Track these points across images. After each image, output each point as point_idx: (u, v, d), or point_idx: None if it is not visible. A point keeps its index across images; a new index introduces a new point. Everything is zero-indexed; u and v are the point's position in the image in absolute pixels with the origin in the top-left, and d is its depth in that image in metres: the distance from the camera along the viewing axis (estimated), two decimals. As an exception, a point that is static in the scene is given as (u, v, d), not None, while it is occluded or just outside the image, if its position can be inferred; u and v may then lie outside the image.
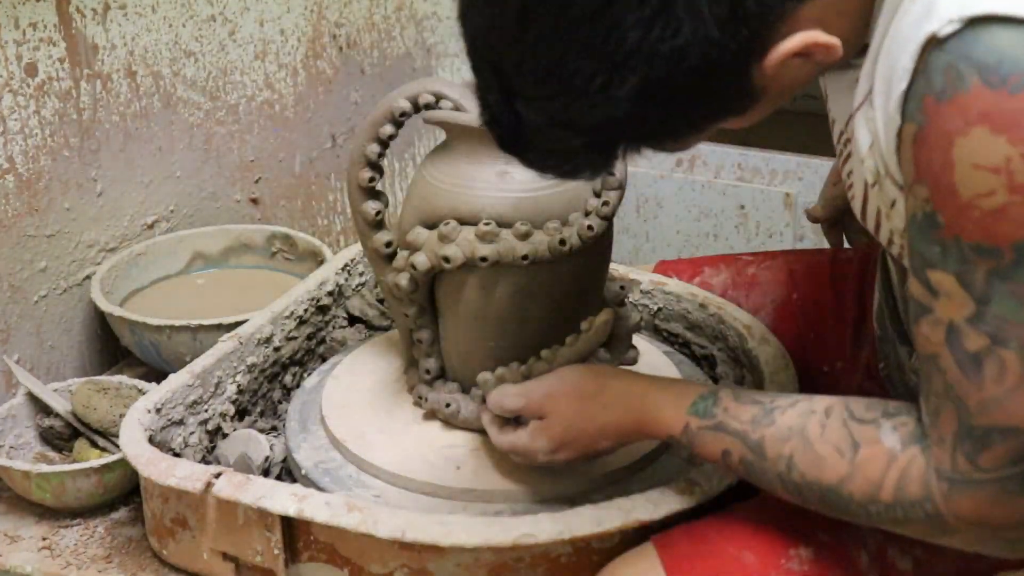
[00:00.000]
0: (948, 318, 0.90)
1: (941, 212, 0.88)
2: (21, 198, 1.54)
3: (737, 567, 1.10)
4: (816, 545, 1.12)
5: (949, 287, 0.89)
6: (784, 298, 1.48)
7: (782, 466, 1.04)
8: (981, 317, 0.89)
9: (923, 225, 0.89)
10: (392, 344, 1.49)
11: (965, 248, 0.87)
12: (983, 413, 0.91)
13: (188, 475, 1.22)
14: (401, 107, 1.26)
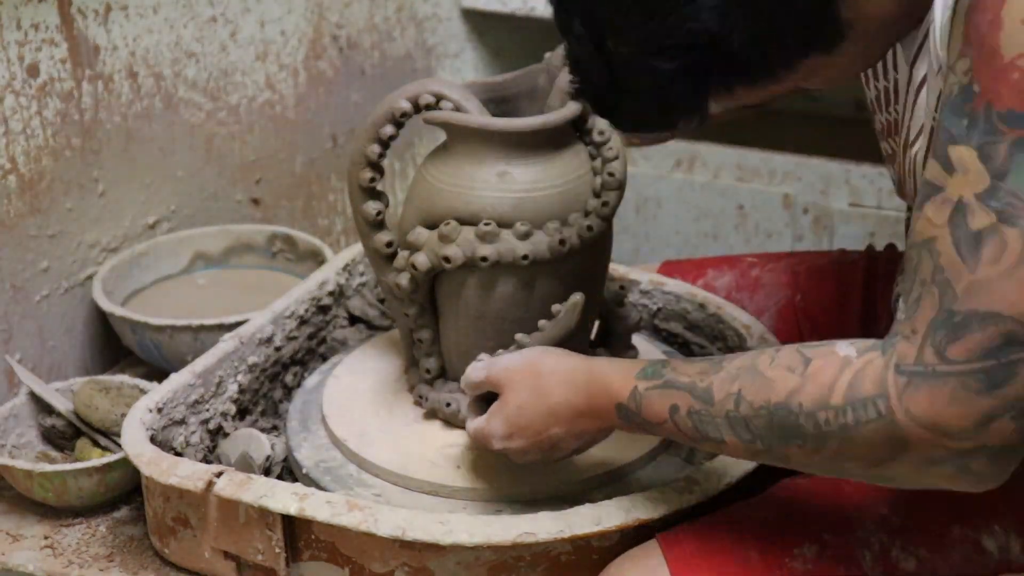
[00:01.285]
0: (958, 195, 0.90)
1: (978, 79, 0.88)
2: (23, 198, 1.54)
3: (741, 565, 1.10)
4: (820, 545, 1.12)
5: (968, 162, 0.89)
6: (787, 300, 1.48)
7: (730, 404, 1.02)
8: (994, 193, 0.88)
9: (956, 100, 0.90)
10: (393, 344, 1.49)
11: (994, 117, 0.87)
12: (969, 296, 0.90)
13: (189, 474, 1.22)
14: (402, 108, 1.26)
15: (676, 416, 1.05)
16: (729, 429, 1.02)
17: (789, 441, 0.99)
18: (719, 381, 1.03)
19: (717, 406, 1.02)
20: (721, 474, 1.20)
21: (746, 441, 1.01)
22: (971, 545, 1.12)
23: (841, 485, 1.17)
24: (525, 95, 1.34)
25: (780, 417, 0.98)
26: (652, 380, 1.07)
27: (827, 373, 0.97)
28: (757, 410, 1.00)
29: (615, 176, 1.27)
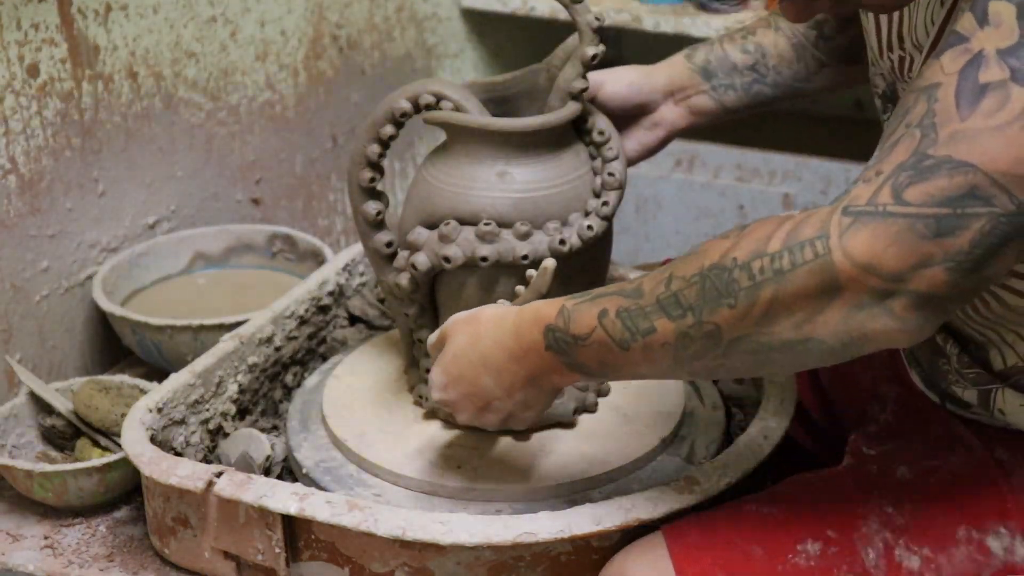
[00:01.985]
0: (980, 47, 0.89)
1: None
2: (23, 198, 1.54)
3: (744, 560, 1.10)
4: (824, 541, 1.12)
5: (1004, 15, 0.89)
6: None
7: (661, 288, 0.99)
8: (1016, 51, 0.88)
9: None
10: (393, 344, 1.49)
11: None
12: (950, 143, 0.89)
13: (189, 474, 1.22)
14: (402, 107, 1.27)
15: (604, 320, 1.02)
16: (660, 312, 0.99)
17: (720, 303, 0.95)
18: (650, 278, 1.01)
19: (647, 295, 1.00)
20: (721, 474, 1.21)
21: (676, 318, 0.98)
22: (975, 545, 1.12)
23: (846, 482, 1.17)
24: (525, 95, 1.34)
25: (713, 277, 0.96)
26: (581, 298, 1.05)
27: (765, 228, 0.95)
28: (689, 279, 0.97)
29: (615, 176, 1.27)
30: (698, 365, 1.00)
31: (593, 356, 1.04)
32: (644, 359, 1.01)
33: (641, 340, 1.00)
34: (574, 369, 1.07)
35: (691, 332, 0.98)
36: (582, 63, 1.25)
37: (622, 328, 1.01)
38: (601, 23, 1.25)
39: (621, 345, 1.02)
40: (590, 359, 1.04)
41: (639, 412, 1.36)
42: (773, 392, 1.33)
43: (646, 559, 1.12)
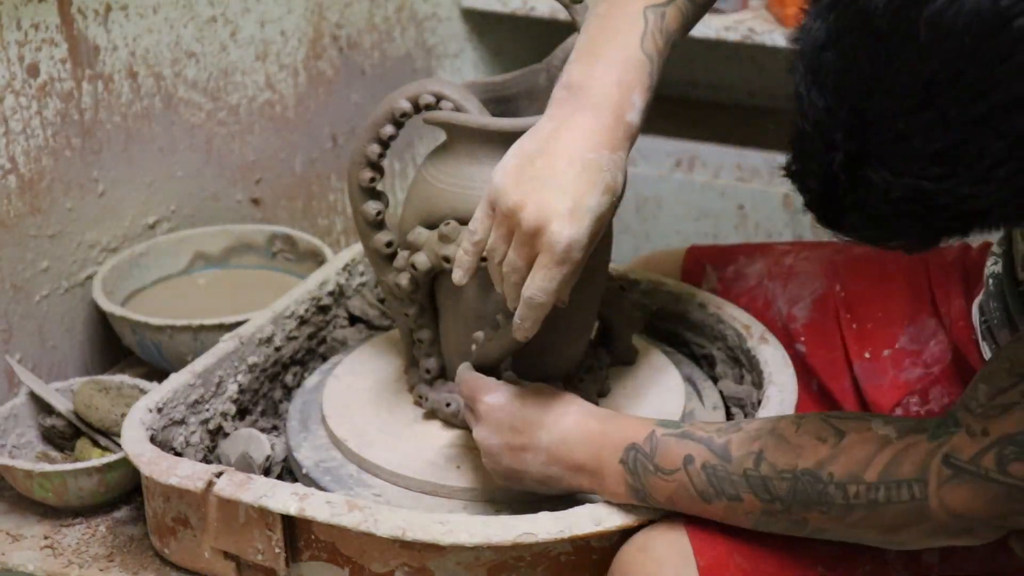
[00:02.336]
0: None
1: None
2: (23, 198, 1.54)
3: (763, 545, 1.11)
4: None
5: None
6: (826, 290, 1.46)
7: (749, 463, 1.03)
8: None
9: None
10: (393, 344, 1.49)
11: None
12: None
13: (189, 474, 1.22)
14: (402, 108, 1.27)
15: (690, 467, 1.07)
16: (747, 487, 1.04)
17: (811, 507, 1.02)
18: (737, 440, 1.05)
19: (735, 463, 1.04)
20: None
21: (764, 501, 1.03)
22: (997, 545, 1.12)
23: None
24: (525, 95, 1.34)
25: (806, 483, 1.01)
26: (671, 429, 1.10)
27: (863, 449, 0.99)
28: (780, 473, 1.02)
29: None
30: (777, 531, 1.07)
31: (666, 493, 1.09)
32: (724, 515, 1.08)
33: (726, 502, 1.06)
34: (635, 495, 1.12)
35: (778, 515, 1.04)
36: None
37: (706, 483, 1.07)
38: (601, 23, 1.25)
39: (703, 497, 1.07)
40: (662, 494, 1.10)
41: (639, 412, 1.36)
42: (773, 392, 1.33)
43: (667, 538, 1.12)
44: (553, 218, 1.05)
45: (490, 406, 1.18)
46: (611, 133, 1.09)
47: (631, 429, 1.12)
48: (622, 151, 1.10)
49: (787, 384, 1.34)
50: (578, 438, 1.14)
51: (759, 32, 2.07)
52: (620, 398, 1.38)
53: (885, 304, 1.42)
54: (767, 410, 1.30)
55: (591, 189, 1.06)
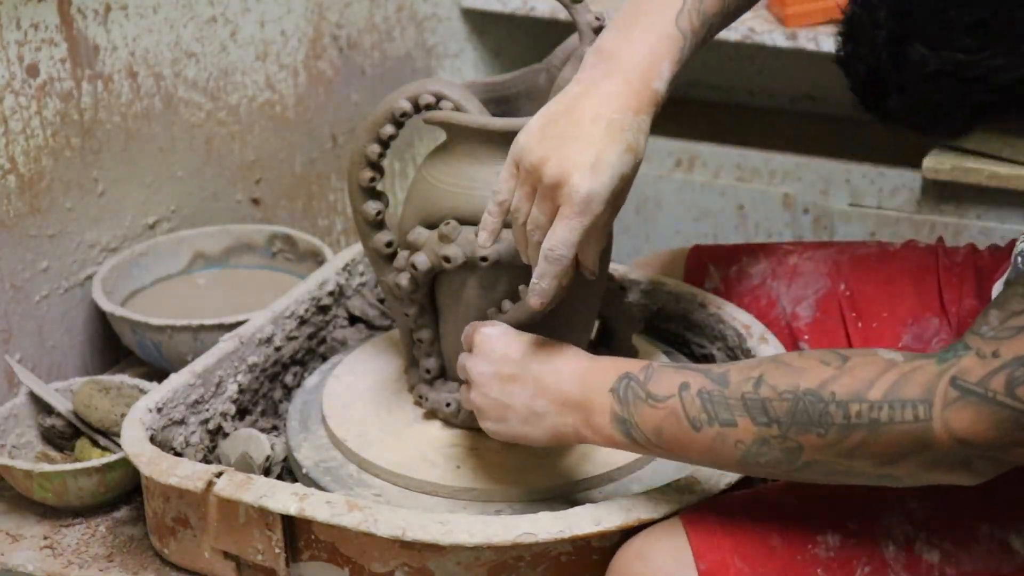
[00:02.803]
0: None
1: None
2: (23, 198, 1.54)
3: (763, 549, 1.10)
4: (844, 532, 1.12)
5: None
6: (830, 289, 1.46)
7: (748, 386, 1.02)
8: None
9: None
10: (392, 344, 1.49)
11: None
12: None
13: (189, 474, 1.22)
14: (402, 107, 1.27)
15: (684, 393, 1.05)
16: (744, 411, 1.02)
17: (809, 429, 0.99)
18: (737, 368, 1.04)
19: (733, 387, 1.03)
20: (721, 474, 1.20)
21: (760, 424, 1.01)
22: (998, 543, 1.12)
23: None
24: (525, 95, 1.34)
25: (807, 403, 0.99)
26: (666, 364, 1.09)
27: (868, 369, 0.98)
28: (781, 394, 1.00)
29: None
30: (761, 471, 1.05)
31: (654, 421, 1.07)
32: (710, 447, 1.05)
33: (717, 428, 1.04)
34: (618, 424, 1.09)
35: (772, 441, 1.02)
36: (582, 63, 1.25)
37: (700, 409, 1.04)
38: (601, 23, 1.25)
39: (693, 424, 1.05)
40: (649, 423, 1.07)
41: (639, 412, 1.36)
42: (773, 392, 1.33)
43: (665, 544, 1.12)
44: (574, 170, 1.07)
45: (485, 335, 1.17)
46: (637, 97, 1.11)
47: (627, 365, 1.10)
48: (646, 115, 1.12)
49: (787, 384, 1.34)
50: (570, 370, 1.12)
51: (759, 32, 2.07)
52: (620, 398, 1.38)
53: (890, 304, 1.42)
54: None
55: (613, 145, 1.09)
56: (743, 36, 2.08)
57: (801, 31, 2.04)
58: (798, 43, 2.04)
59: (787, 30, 2.05)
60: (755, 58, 2.58)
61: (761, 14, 2.12)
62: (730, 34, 2.09)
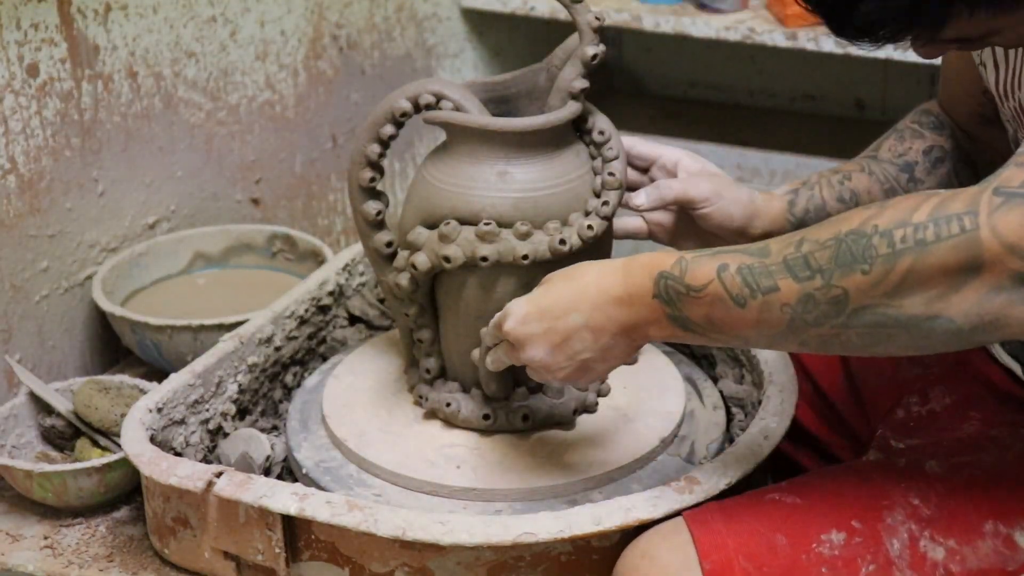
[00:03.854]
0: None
1: None
2: (23, 198, 1.54)
3: (768, 548, 1.10)
4: (848, 531, 1.12)
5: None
6: None
7: (790, 249, 0.99)
8: None
9: None
10: (392, 344, 1.49)
11: None
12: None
13: (189, 474, 1.22)
14: (402, 107, 1.27)
15: (724, 274, 1.01)
16: (785, 272, 0.99)
17: (854, 267, 0.96)
18: (778, 240, 1.01)
19: (774, 255, 1.00)
20: (721, 474, 1.20)
21: (803, 279, 0.98)
22: (1002, 540, 1.12)
23: (872, 474, 1.18)
24: (525, 95, 1.34)
25: (850, 242, 0.96)
26: (700, 252, 1.05)
27: (911, 200, 0.96)
28: (823, 243, 0.97)
29: (615, 176, 1.27)
30: (813, 333, 1.00)
31: (702, 310, 1.03)
32: (758, 319, 1.01)
33: (760, 298, 1.00)
34: (676, 323, 1.05)
35: (816, 295, 0.98)
36: (582, 63, 1.25)
37: (741, 284, 1.00)
38: (601, 23, 1.25)
39: (737, 301, 1.01)
40: (698, 313, 1.04)
41: (639, 412, 1.36)
42: (773, 392, 1.33)
43: (670, 543, 1.12)
44: None
45: (512, 325, 1.12)
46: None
47: (656, 262, 1.06)
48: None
49: (787, 384, 1.34)
50: (608, 298, 1.08)
51: (759, 32, 2.07)
52: (620, 398, 1.38)
53: None
54: (767, 410, 1.30)
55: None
56: (743, 36, 2.08)
57: (801, 31, 2.04)
58: (798, 43, 2.04)
59: (787, 30, 2.05)
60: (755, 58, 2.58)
61: (761, 14, 2.12)
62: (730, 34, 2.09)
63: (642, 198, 1.30)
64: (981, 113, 1.35)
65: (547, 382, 1.16)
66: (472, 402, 1.32)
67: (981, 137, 1.37)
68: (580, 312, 1.08)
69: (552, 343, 1.10)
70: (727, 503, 1.15)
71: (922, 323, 0.96)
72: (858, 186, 1.36)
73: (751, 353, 1.41)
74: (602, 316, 1.08)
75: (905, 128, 1.39)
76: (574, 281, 1.10)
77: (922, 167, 1.37)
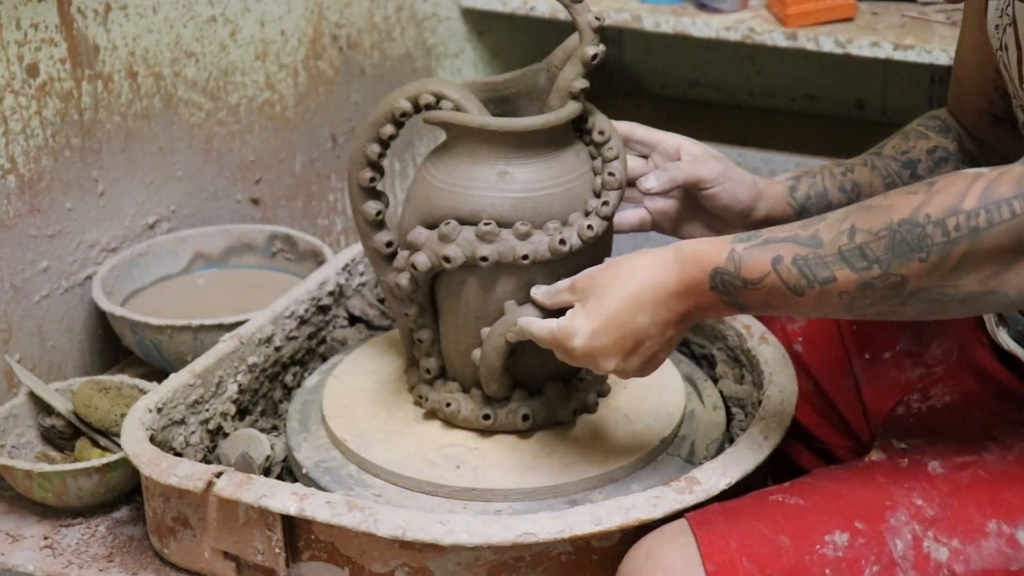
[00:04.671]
0: None
1: None
2: (23, 198, 1.54)
3: (771, 549, 1.10)
4: (851, 532, 1.12)
5: None
6: None
7: (843, 239, 1.03)
8: None
9: None
10: (392, 344, 1.49)
11: None
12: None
13: (189, 474, 1.22)
14: (402, 107, 1.27)
15: (779, 266, 1.05)
16: (842, 263, 1.03)
17: (911, 256, 1.00)
18: (825, 226, 1.05)
19: (827, 246, 1.04)
20: (721, 474, 1.20)
21: (860, 270, 1.02)
22: (1006, 539, 1.12)
23: (874, 474, 1.18)
24: (525, 95, 1.34)
25: (904, 232, 1.00)
26: (749, 241, 1.08)
27: (957, 184, 1.00)
28: (876, 233, 1.01)
29: (615, 176, 1.27)
30: (871, 311, 1.05)
31: (760, 298, 1.08)
32: (816, 304, 1.06)
33: (818, 288, 1.04)
34: (734, 307, 1.10)
35: (875, 283, 1.02)
36: (582, 63, 1.25)
37: (798, 275, 1.05)
38: (601, 23, 1.25)
39: (795, 291, 1.06)
40: (755, 300, 1.09)
41: (639, 412, 1.36)
42: (773, 392, 1.33)
43: (673, 544, 1.12)
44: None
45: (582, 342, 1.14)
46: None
47: (707, 256, 1.09)
48: None
49: (787, 384, 1.34)
50: (669, 295, 1.11)
51: (759, 32, 2.07)
52: (620, 398, 1.38)
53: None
54: (767, 410, 1.30)
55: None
56: (743, 36, 2.08)
57: (801, 31, 2.04)
58: (798, 43, 2.04)
59: (787, 30, 2.05)
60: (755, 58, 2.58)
61: (761, 14, 2.12)
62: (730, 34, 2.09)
63: (652, 181, 1.32)
64: (991, 112, 1.36)
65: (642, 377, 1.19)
66: (472, 402, 1.32)
67: (988, 140, 1.38)
68: (645, 313, 1.11)
69: (625, 350, 1.13)
70: (730, 504, 1.15)
71: (978, 298, 1.02)
72: (860, 178, 1.39)
73: (751, 353, 1.41)
74: (665, 312, 1.11)
75: (911, 130, 1.42)
76: (628, 283, 1.12)
77: (925, 165, 1.39)
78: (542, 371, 1.31)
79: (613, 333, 1.12)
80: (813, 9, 2.03)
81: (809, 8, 2.03)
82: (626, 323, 1.12)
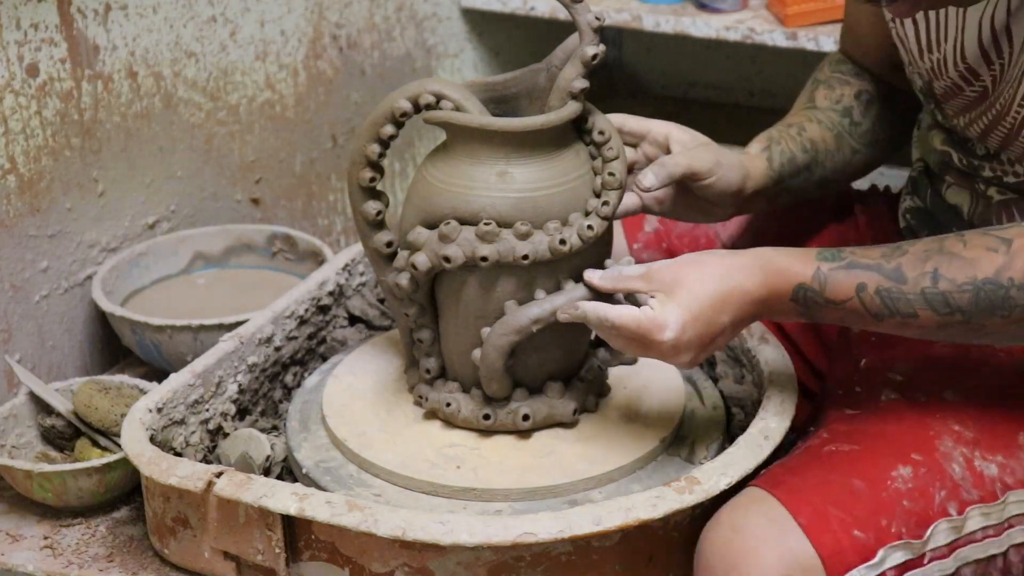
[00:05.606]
0: None
1: None
2: (23, 198, 1.54)
3: (849, 493, 1.14)
4: (912, 464, 1.17)
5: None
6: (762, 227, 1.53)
7: (926, 281, 1.10)
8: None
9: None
10: (392, 344, 1.49)
11: None
12: None
13: (189, 474, 1.22)
14: (402, 107, 1.26)
15: (863, 293, 1.12)
16: (925, 305, 1.11)
17: (994, 313, 1.09)
18: (908, 262, 1.11)
19: (911, 283, 1.11)
20: (721, 474, 1.20)
21: (943, 314, 1.11)
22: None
23: (902, 411, 1.23)
24: (525, 95, 1.34)
25: (988, 291, 1.09)
26: (835, 263, 1.14)
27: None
28: (960, 286, 1.09)
29: (615, 176, 1.27)
30: (943, 338, 1.15)
31: (838, 316, 1.15)
32: (893, 328, 1.15)
33: (899, 319, 1.13)
34: (805, 317, 1.17)
35: (955, 326, 1.12)
36: (582, 63, 1.25)
37: (881, 305, 1.13)
38: (601, 23, 1.25)
39: (875, 317, 1.14)
40: (832, 316, 1.16)
41: (639, 412, 1.36)
42: (773, 392, 1.33)
43: (757, 510, 1.13)
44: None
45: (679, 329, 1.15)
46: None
47: (792, 271, 1.15)
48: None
49: (787, 384, 1.34)
50: (749, 302, 1.16)
51: (759, 32, 2.07)
52: (620, 398, 1.38)
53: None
54: (767, 410, 1.30)
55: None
56: (743, 36, 2.08)
57: (801, 31, 2.04)
58: (798, 43, 2.04)
59: (787, 30, 2.05)
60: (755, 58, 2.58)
61: (761, 14, 2.12)
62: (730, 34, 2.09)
63: (651, 178, 1.32)
64: (891, 61, 1.42)
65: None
66: (472, 402, 1.32)
67: (893, 81, 1.45)
68: (727, 313, 1.16)
69: (703, 345, 1.17)
70: (789, 463, 1.19)
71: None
72: (814, 135, 1.43)
73: (751, 353, 1.41)
74: (743, 314, 1.17)
75: (831, 78, 1.48)
76: (718, 283, 1.16)
77: (858, 110, 1.45)
78: (542, 371, 1.31)
79: (700, 328, 1.15)
80: (813, 9, 2.03)
81: (809, 8, 2.03)
82: (712, 321, 1.15)
